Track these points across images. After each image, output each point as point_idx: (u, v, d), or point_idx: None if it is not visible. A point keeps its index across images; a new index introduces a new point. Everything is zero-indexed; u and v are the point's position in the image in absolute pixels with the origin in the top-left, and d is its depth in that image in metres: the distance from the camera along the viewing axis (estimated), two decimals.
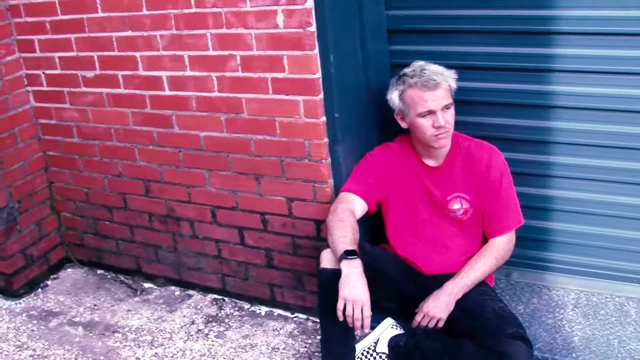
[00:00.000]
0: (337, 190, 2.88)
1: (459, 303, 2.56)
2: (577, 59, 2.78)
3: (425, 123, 2.54)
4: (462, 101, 2.76)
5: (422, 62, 2.64)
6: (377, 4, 2.97)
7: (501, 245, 2.64)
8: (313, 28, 2.68)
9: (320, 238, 3.00)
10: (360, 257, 2.39)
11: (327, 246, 2.57)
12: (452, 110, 2.62)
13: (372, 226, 2.99)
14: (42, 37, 3.46)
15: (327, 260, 2.53)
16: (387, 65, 3.06)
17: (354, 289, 2.31)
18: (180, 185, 3.32)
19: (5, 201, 3.60)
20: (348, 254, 2.38)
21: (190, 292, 3.61)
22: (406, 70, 2.66)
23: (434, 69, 2.57)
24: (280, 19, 2.72)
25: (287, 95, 2.83)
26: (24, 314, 3.62)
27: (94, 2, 3.20)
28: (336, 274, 2.39)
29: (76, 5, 3.26)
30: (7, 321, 3.58)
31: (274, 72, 2.83)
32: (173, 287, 3.67)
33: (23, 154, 3.67)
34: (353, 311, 2.32)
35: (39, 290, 3.84)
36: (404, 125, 2.71)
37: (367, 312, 2.32)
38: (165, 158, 3.30)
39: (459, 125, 2.72)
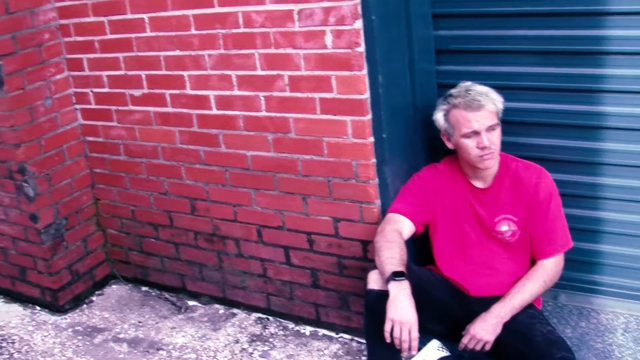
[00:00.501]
0: (384, 210, 3.05)
1: (507, 326, 2.67)
2: (626, 79, 2.90)
3: (469, 144, 2.65)
4: (510, 122, 2.91)
5: (468, 83, 2.70)
6: (425, 24, 3.15)
7: (549, 268, 2.73)
8: (362, 48, 2.87)
9: (366, 258, 3.19)
10: (408, 278, 2.53)
11: (374, 267, 2.71)
12: (497, 132, 2.75)
13: (418, 247, 3.15)
14: (91, 55, 3.72)
15: (374, 281, 2.69)
16: (434, 86, 3.23)
17: (402, 311, 2.47)
18: (227, 204, 3.55)
19: (53, 217, 3.87)
20: (396, 275, 2.53)
21: (235, 310, 3.83)
22: (452, 90, 2.72)
23: (479, 90, 2.65)
24: (328, 39, 2.92)
25: (335, 115, 3.03)
26: (70, 329, 3.89)
27: (142, 22, 3.44)
28: (383, 295, 2.54)
29: (125, 25, 3.51)
30: (52, 336, 3.85)
31: (322, 92, 3.02)
32: (217, 306, 3.89)
33: (70, 171, 3.94)
34: (400, 333, 2.46)
35: (84, 306, 4.11)
36: (449, 145, 2.88)
37: (415, 334, 2.45)
38: (212, 177, 3.53)
39: (507, 146, 2.86)
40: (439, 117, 2.83)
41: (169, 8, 3.30)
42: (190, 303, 3.93)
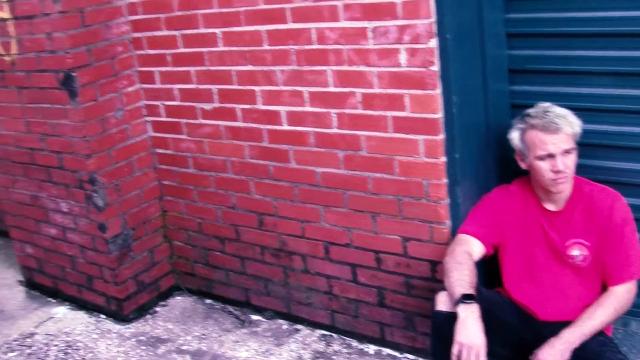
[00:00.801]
0: (454, 231, 3.14)
1: (576, 352, 2.69)
2: None
3: (543, 166, 2.68)
4: (585, 144, 2.94)
5: (547, 104, 2.72)
6: (499, 43, 3.24)
7: (621, 295, 2.69)
8: (436, 67, 2.96)
9: (434, 279, 3.29)
10: (477, 301, 2.61)
11: (442, 288, 2.80)
12: (573, 155, 2.79)
13: (486, 269, 3.23)
14: (163, 69, 3.91)
15: (442, 302, 2.77)
16: (507, 106, 3.31)
17: (471, 334, 2.54)
18: (295, 219, 3.69)
19: (121, 228, 4.07)
20: (465, 297, 2.61)
21: (298, 326, 3.95)
22: (530, 110, 2.76)
23: (558, 112, 2.67)
24: (402, 57, 3.04)
25: (408, 134, 3.13)
26: (133, 339, 4.07)
27: (214, 37, 3.61)
28: (452, 317, 2.62)
29: (197, 39, 3.69)
30: (116, 345, 4.04)
31: (395, 110, 3.13)
32: (281, 321, 4.03)
33: (139, 182, 4.13)
34: (468, 357, 2.52)
35: (148, 316, 4.29)
36: (523, 166, 2.96)
37: (483, 358, 2.52)
38: (281, 192, 3.67)
39: (582, 169, 2.90)
40: (514, 136, 2.90)
41: (242, 23, 3.45)
42: (254, 317, 4.07)
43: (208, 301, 4.27)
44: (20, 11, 3.84)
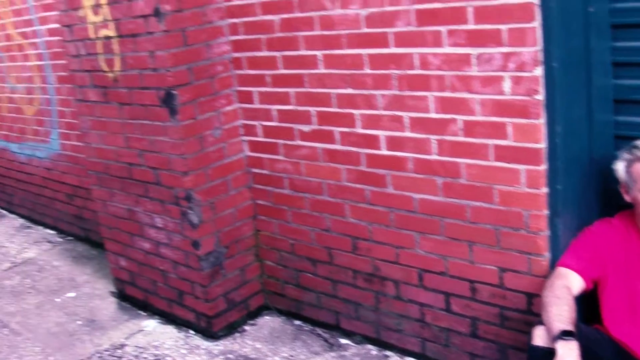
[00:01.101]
0: (553, 264, 3.15)
1: None
2: None
3: None
4: None
5: None
6: (605, 72, 3.23)
7: None
8: (541, 96, 3.00)
9: (531, 312, 3.31)
10: (576, 338, 2.62)
11: (539, 322, 2.80)
12: None
13: (585, 304, 3.23)
14: (262, 89, 4.06)
15: (539, 337, 2.78)
16: (611, 137, 3.28)
17: None
18: (389, 245, 3.77)
19: (214, 245, 4.23)
20: (565, 334, 2.62)
21: (387, 352, 4.02)
22: (637, 142, 2.78)
23: None
24: (507, 85, 3.09)
25: (509, 163, 3.18)
26: (221, 356, 4.21)
27: (315, 59, 3.74)
28: (549, 353, 2.63)
29: (298, 61, 3.82)
30: None
31: (497, 138, 3.18)
32: (370, 346, 4.10)
33: (234, 201, 4.28)
34: None
35: (237, 334, 4.43)
36: (627, 198, 2.95)
37: None
38: (376, 217, 3.76)
39: None
40: (619, 167, 2.91)
41: (343, 46, 3.56)
42: (343, 341, 4.16)
43: (297, 322, 4.38)
44: (125, 30, 4.04)
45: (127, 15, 3.99)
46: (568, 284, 2.89)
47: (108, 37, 4.18)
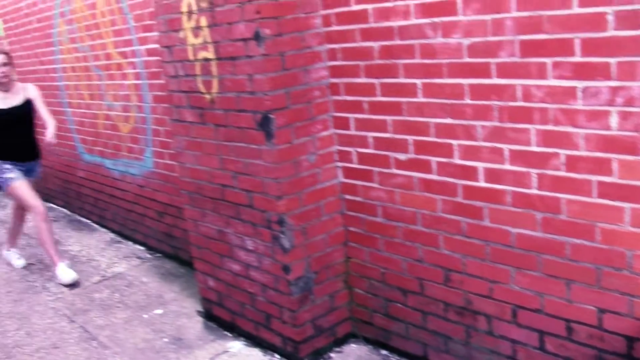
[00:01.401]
0: None
1: None
2: None
3: None
4: None
5: None
6: None
7: None
8: None
9: (631, 356, 3.17)
10: None
11: None
12: None
13: None
14: (359, 116, 4.04)
15: None
16: None
17: None
18: (483, 279, 3.69)
19: (304, 271, 4.21)
20: None
21: None
22: None
23: None
24: (613, 120, 3.00)
25: (613, 200, 3.08)
26: None
27: (414, 87, 3.70)
28: None
29: (397, 89, 3.79)
30: None
31: (601, 175, 3.09)
32: None
33: (326, 226, 4.27)
34: None
35: None
36: None
37: None
38: (471, 249, 3.69)
39: None
40: None
41: (444, 75, 3.52)
42: None
43: (384, 352, 4.34)
44: (224, 52, 4.08)
45: (227, 38, 4.02)
46: None
47: (207, 59, 4.22)
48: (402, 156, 3.81)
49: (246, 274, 4.46)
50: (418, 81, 3.65)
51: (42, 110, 6.29)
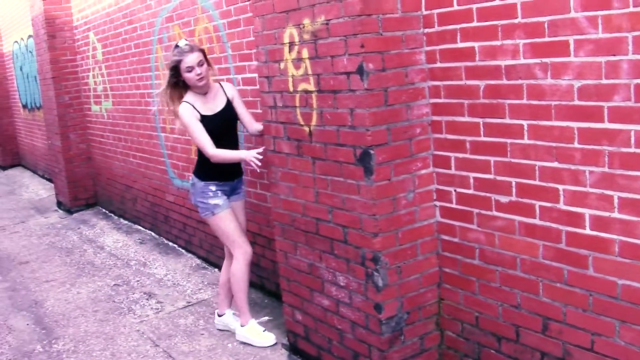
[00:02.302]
0: None
1: None
2: None
3: None
4: None
5: None
6: None
7: None
8: None
9: None
10: None
11: None
12: None
13: None
14: (460, 155, 3.99)
15: None
16: None
17: None
18: (584, 330, 3.57)
19: (396, 310, 4.15)
20: None
21: None
22: None
23: None
24: None
25: None
26: None
27: (520, 129, 3.63)
28: None
29: (501, 129, 3.72)
30: None
31: None
32: None
33: (420, 266, 4.21)
34: None
35: None
36: None
37: None
38: (572, 299, 3.58)
39: None
40: None
41: (552, 118, 3.45)
42: None
43: None
44: (325, 85, 4.08)
45: (329, 71, 4.02)
46: None
47: (307, 91, 4.23)
48: (504, 198, 3.74)
49: (336, 310, 4.42)
50: (524, 122, 3.59)
51: (243, 113, 5.35)
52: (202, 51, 5.01)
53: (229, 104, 5.21)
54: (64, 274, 8.01)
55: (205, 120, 5.01)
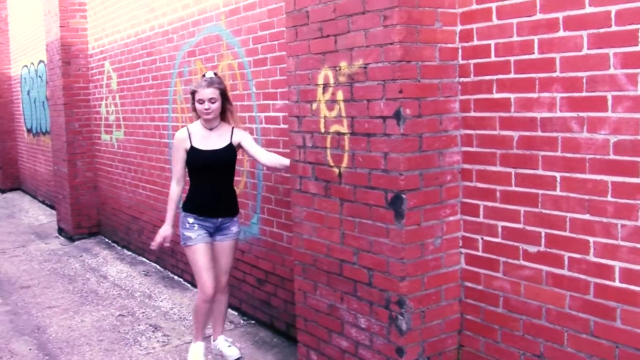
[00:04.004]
0: None
1: None
2: None
3: None
4: None
5: None
6: None
7: None
8: None
9: None
10: None
11: None
12: None
13: None
14: (489, 204, 4.08)
15: None
16: None
17: None
18: None
19: (418, 355, 4.22)
20: None
21: None
22: None
23: None
24: None
25: None
26: None
27: (553, 180, 3.73)
28: None
29: (533, 180, 3.83)
30: None
31: None
32: None
33: (443, 312, 4.28)
34: None
35: None
36: None
37: None
38: (599, 350, 3.64)
39: None
40: None
41: (586, 171, 3.55)
42: None
43: None
44: (359, 128, 4.20)
45: (364, 115, 4.14)
46: None
47: (339, 133, 4.34)
48: (532, 248, 3.84)
49: (355, 352, 4.50)
50: (557, 174, 3.70)
51: (256, 151, 5.46)
52: (223, 90, 5.28)
53: (229, 148, 5.33)
54: (67, 301, 8.05)
55: (193, 152, 5.24)
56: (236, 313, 7.19)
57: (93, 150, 11.35)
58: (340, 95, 4.35)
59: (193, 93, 5.24)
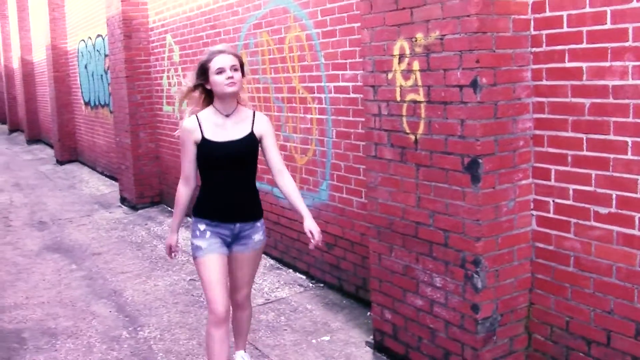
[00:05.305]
0: None
1: None
2: None
3: None
4: None
5: None
6: None
7: None
8: None
9: None
10: None
11: None
12: None
13: None
14: (560, 168, 4.32)
15: None
16: None
17: None
18: None
19: (492, 312, 4.50)
20: None
21: None
22: None
23: None
24: None
25: None
26: None
27: (624, 145, 3.95)
28: None
29: (605, 145, 4.05)
30: None
31: None
32: None
33: (515, 271, 4.55)
34: None
35: None
36: None
37: None
38: None
39: None
40: None
41: None
42: None
43: None
44: (436, 96, 4.46)
45: (440, 84, 4.39)
46: None
47: (415, 101, 4.59)
48: (603, 210, 4.07)
49: (429, 310, 4.77)
50: (629, 139, 3.92)
51: (273, 158, 4.38)
52: (241, 60, 4.15)
53: (250, 138, 4.23)
54: (137, 267, 8.41)
55: (205, 144, 4.16)
56: (304, 277, 7.49)
57: (155, 122, 11.68)
58: (416, 66, 4.60)
59: (204, 68, 4.14)
